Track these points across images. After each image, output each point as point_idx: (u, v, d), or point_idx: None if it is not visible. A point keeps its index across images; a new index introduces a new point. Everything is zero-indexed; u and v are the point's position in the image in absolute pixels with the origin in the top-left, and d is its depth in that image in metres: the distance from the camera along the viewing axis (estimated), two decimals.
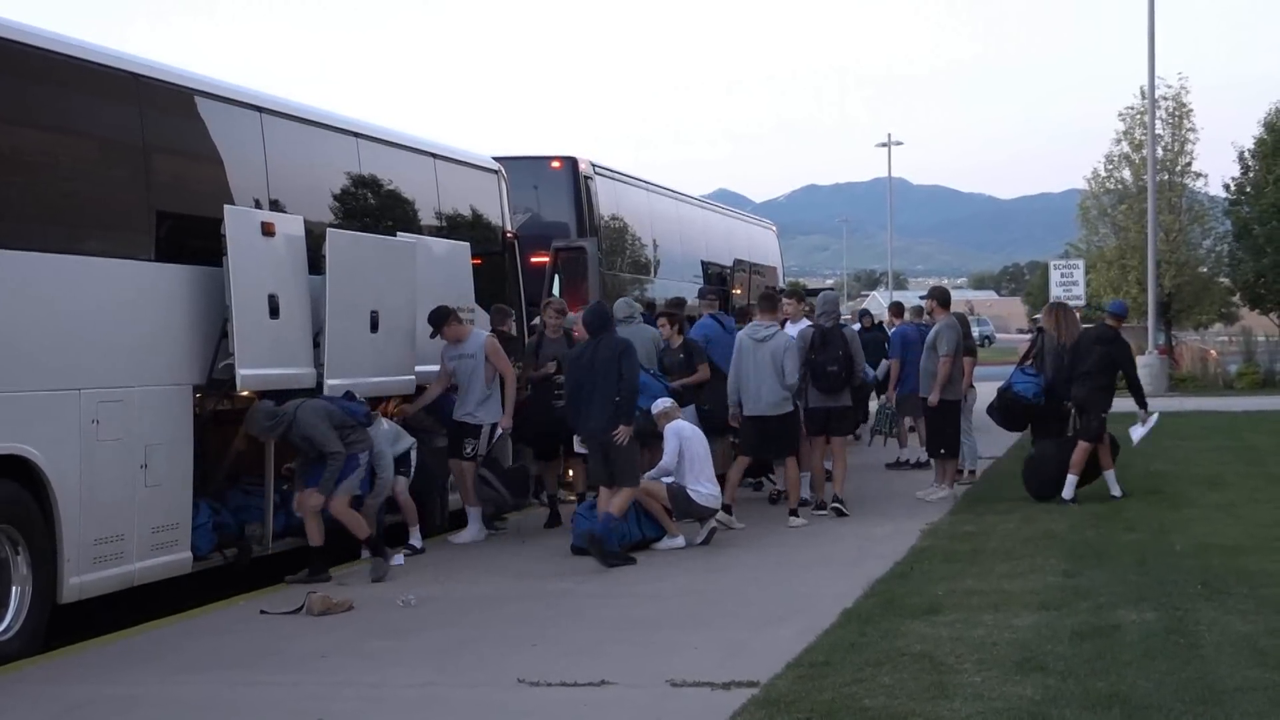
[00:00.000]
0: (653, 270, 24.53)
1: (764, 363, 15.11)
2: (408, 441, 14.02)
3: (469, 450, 14.77)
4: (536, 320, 16.70)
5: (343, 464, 12.48)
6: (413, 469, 14.07)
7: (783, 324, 16.17)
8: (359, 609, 11.12)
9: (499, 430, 14.82)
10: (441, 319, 14.67)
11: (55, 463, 10.24)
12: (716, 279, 26.73)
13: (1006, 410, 16.82)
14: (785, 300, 16.64)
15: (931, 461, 18.08)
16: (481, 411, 14.78)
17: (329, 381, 13.04)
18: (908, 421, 21.00)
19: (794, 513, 15.43)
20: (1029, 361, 16.91)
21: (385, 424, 13.81)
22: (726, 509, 14.97)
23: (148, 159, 11.63)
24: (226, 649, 9.90)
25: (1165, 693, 7.73)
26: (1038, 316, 19.48)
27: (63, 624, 10.61)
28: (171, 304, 11.69)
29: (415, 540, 14.07)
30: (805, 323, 16.21)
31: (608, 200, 22.29)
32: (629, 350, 13.20)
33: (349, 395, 12.89)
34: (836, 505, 15.71)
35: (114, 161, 11.41)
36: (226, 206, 12.05)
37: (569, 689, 8.35)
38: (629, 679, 8.51)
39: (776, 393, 15.11)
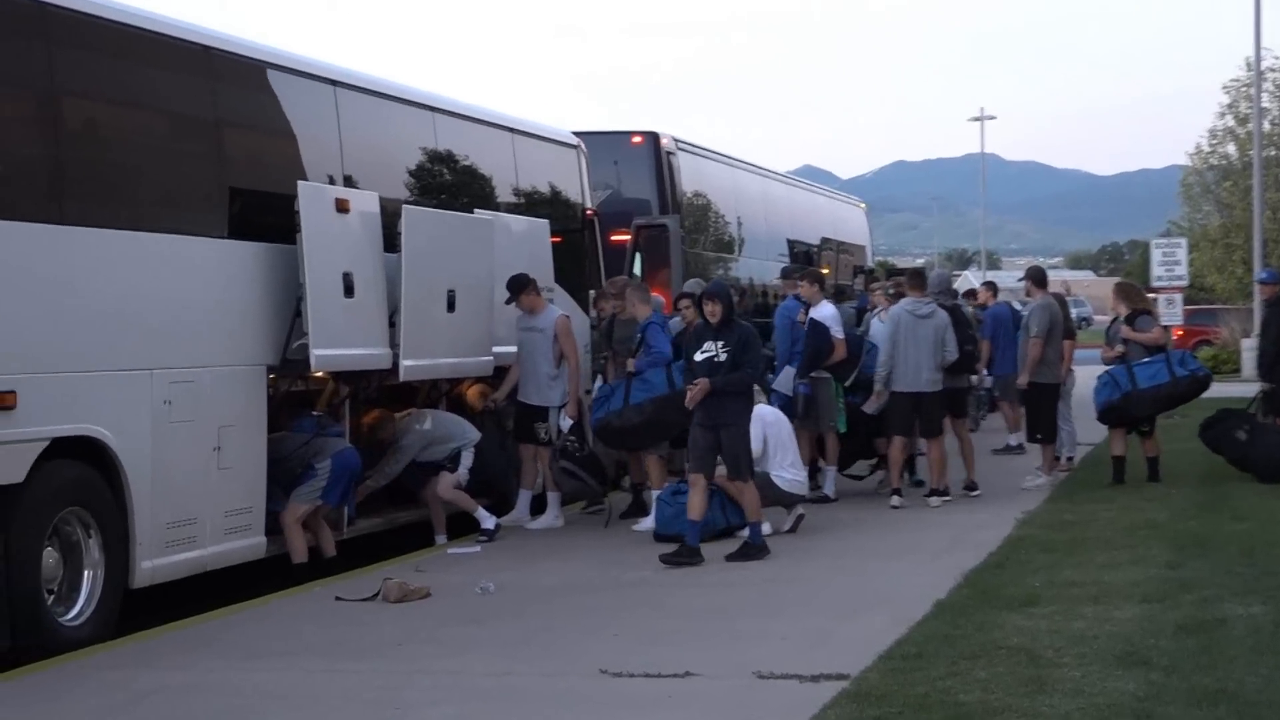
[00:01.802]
0: (737, 249, 24.44)
1: (925, 339, 15.48)
2: (461, 441, 14.01)
3: (542, 435, 14.75)
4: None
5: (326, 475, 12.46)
6: (463, 469, 14.05)
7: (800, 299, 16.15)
8: (436, 596, 11.14)
9: (565, 418, 14.76)
10: (521, 286, 14.66)
11: (127, 444, 10.32)
12: (803, 258, 26.60)
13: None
14: (800, 280, 16.53)
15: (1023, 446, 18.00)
16: (550, 392, 14.77)
17: (404, 362, 13.07)
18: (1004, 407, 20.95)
19: (934, 493, 15.70)
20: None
21: (430, 422, 13.79)
22: (896, 492, 15.59)
23: (220, 134, 11.69)
24: (300, 636, 9.95)
25: (1275, 689, 7.59)
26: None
27: (133, 609, 10.71)
28: (244, 283, 11.76)
29: (487, 522, 14.08)
30: (826, 305, 16.06)
31: (690, 176, 22.22)
32: (753, 339, 12.87)
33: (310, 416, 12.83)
34: (967, 489, 16.23)
35: (185, 137, 11.48)
36: (300, 183, 12.09)
37: (652, 680, 8.31)
38: (714, 670, 8.47)
39: (934, 369, 15.48)
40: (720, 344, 12.55)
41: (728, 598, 10.91)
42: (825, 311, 15.97)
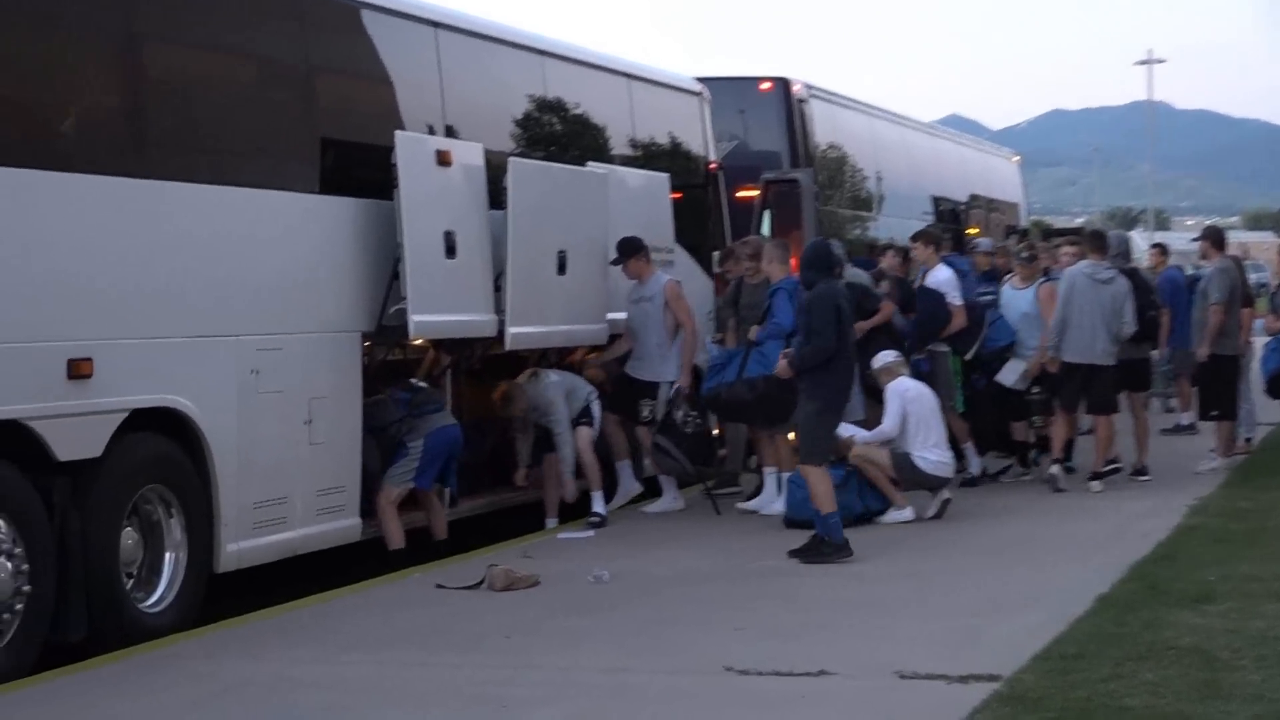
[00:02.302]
0: (876, 206, 24.31)
1: (1103, 306, 15.37)
2: (584, 392, 14.04)
3: (646, 413, 14.75)
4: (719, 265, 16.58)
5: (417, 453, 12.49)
6: (597, 421, 14.11)
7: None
8: (545, 585, 11.18)
9: (675, 389, 14.72)
10: (632, 250, 14.64)
11: (211, 417, 10.45)
12: (949, 216, 26.42)
13: None
14: (913, 241, 16.37)
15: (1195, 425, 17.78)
16: (661, 366, 14.77)
17: (511, 330, 13.12)
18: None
19: (1095, 476, 15.57)
20: None
21: (554, 375, 13.87)
22: (1059, 462, 15.47)
23: (311, 81, 11.78)
24: (398, 626, 10.02)
25: None
26: None
27: (218, 595, 10.85)
28: (337, 242, 11.84)
29: (599, 507, 14.13)
30: (943, 269, 15.86)
31: (825, 127, 22.12)
32: (816, 304, 12.76)
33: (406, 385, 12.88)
34: (1139, 472, 16.09)
35: (274, 84, 11.57)
36: (398, 133, 12.15)
37: (783, 679, 8.28)
38: (851, 669, 8.42)
39: (1109, 340, 15.37)
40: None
41: (866, 590, 10.86)
42: (941, 275, 15.84)
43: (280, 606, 10.74)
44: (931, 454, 13.97)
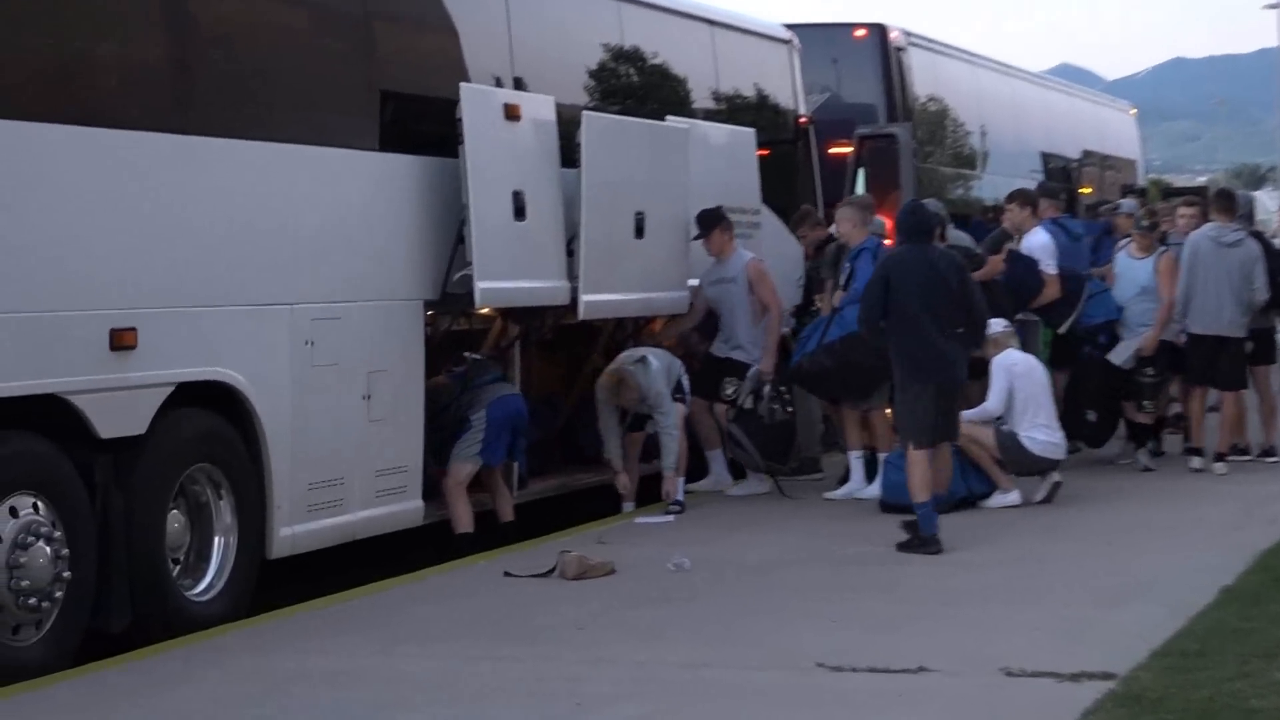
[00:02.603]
0: (979, 163, 24.19)
1: (1231, 272, 15.26)
2: (677, 368, 14.03)
3: (729, 392, 14.73)
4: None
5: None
6: (688, 398, 14.12)
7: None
8: (621, 573, 11.18)
9: (756, 374, 14.69)
10: (714, 221, 14.60)
11: (263, 391, 10.49)
12: (1059, 174, 26.24)
13: None
14: (1008, 202, 16.18)
15: None
16: (753, 351, 14.75)
17: (585, 298, 13.11)
18: None
19: (1220, 457, 15.50)
20: None
21: (654, 359, 13.80)
22: (1195, 452, 15.48)
23: (369, 29, 11.79)
24: (462, 617, 10.05)
25: None
26: None
27: (269, 582, 10.91)
28: (398, 202, 11.87)
29: (677, 493, 14.11)
30: (1039, 233, 15.69)
31: (924, 77, 22.03)
32: (966, 266, 12.65)
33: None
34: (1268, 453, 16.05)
35: (329, 32, 11.60)
36: (463, 85, 12.15)
37: (878, 676, 8.26)
38: (952, 665, 8.39)
39: (1238, 309, 15.27)
40: None
41: (968, 580, 10.82)
42: (1035, 240, 15.65)
43: (335, 595, 10.78)
44: (1040, 433, 13.86)
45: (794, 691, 8.11)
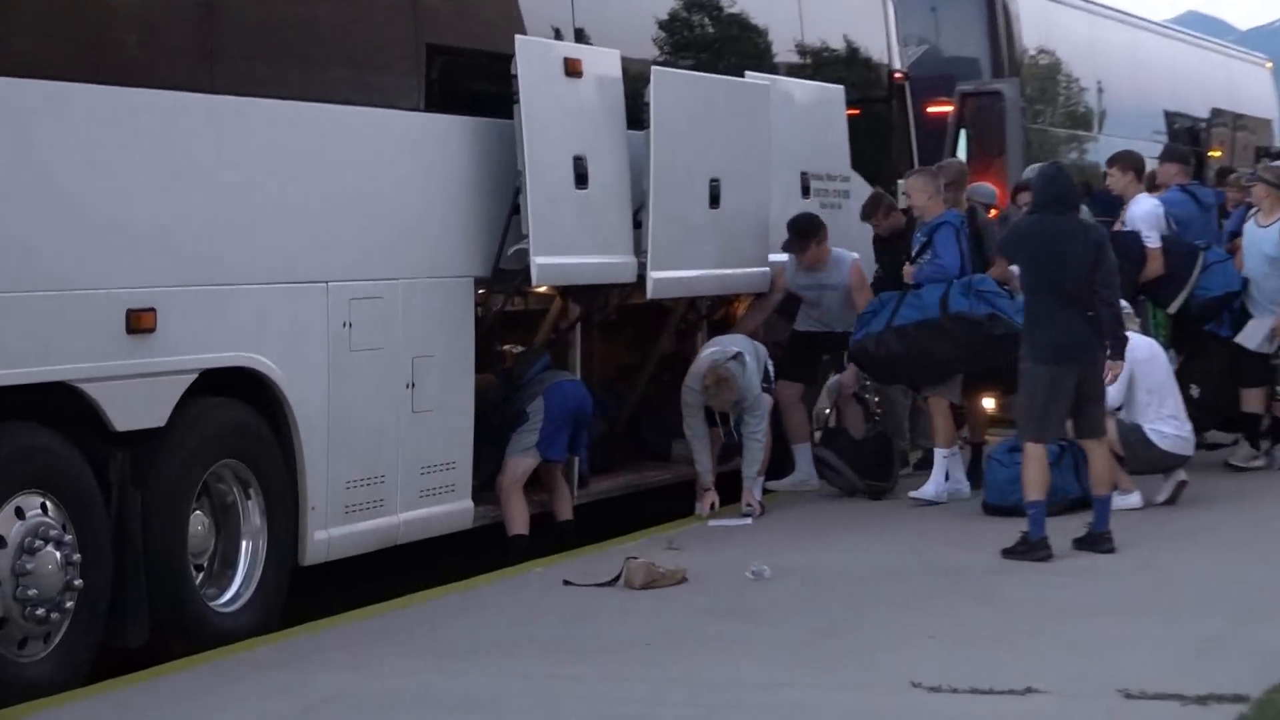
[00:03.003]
0: (1096, 124, 24.04)
1: None
2: (764, 355, 14.02)
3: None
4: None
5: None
6: (773, 381, 14.13)
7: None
8: (694, 582, 11.17)
9: (838, 383, 14.70)
10: (809, 231, 14.56)
11: (296, 379, 10.52)
12: (1186, 136, 26.05)
13: None
14: (1110, 167, 16.04)
15: None
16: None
17: (653, 275, 13.08)
18: None
19: None
20: None
21: (746, 354, 13.77)
22: None
23: None
24: (517, 631, 10.06)
25: None
26: None
27: (302, 591, 10.93)
28: (446, 169, 11.87)
29: (755, 491, 14.05)
30: (1144, 199, 15.56)
31: (1034, 28, 21.93)
32: (1107, 243, 12.54)
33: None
34: None
35: None
36: (518, 38, 12.15)
37: (981, 697, 8.24)
38: (1064, 685, 8.37)
39: None
40: None
41: (1080, 590, 10.80)
42: (1139, 209, 15.54)
43: (376, 606, 10.81)
44: (1168, 426, 13.74)
45: (887, 715, 8.10)
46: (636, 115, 13.10)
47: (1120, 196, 15.87)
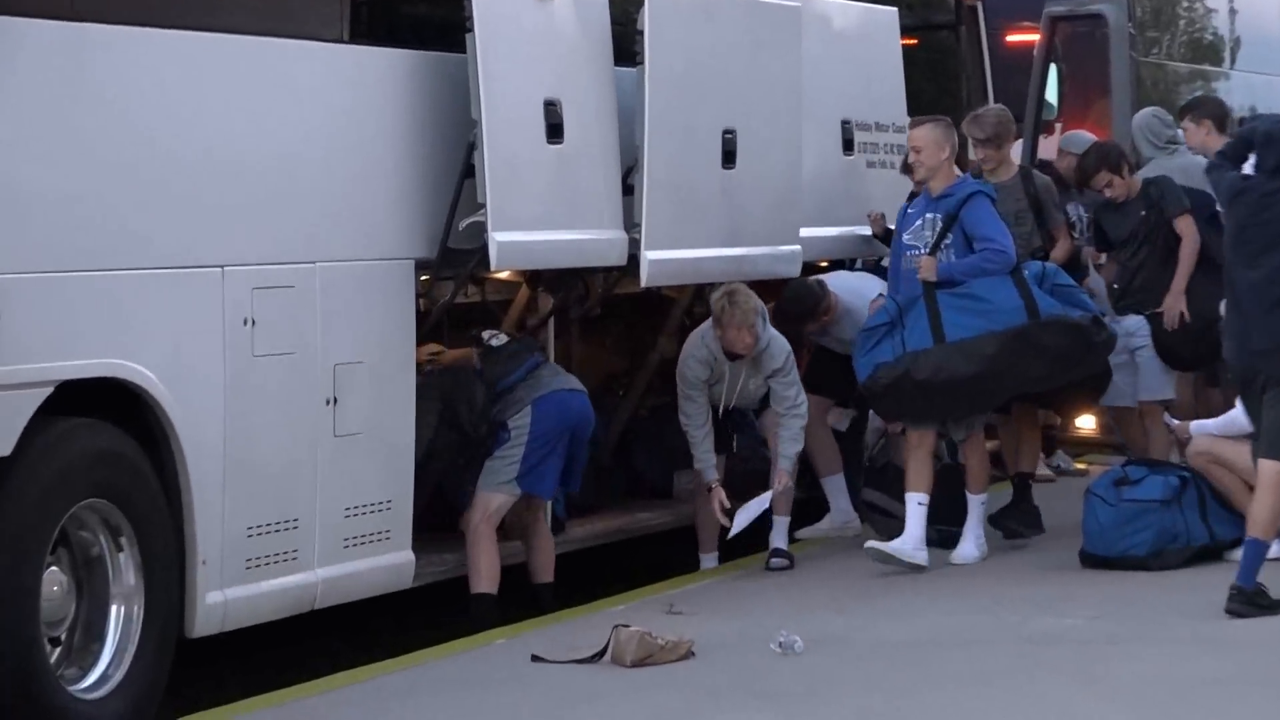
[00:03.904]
0: (1226, 57, 23.96)
1: None
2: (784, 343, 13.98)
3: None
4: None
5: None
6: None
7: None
8: (703, 656, 11.19)
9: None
10: (804, 314, 14.63)
11: (181, 393, 10.45)
12: None
13: None
14: (1184, 120, 16.05)
15: None
16: None
17: (649, 256, 13.02)
18: None
19: None
20: None
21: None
22: None
23: None
24: None
25: None
26: None
27: (189, 666, 10.88)
28: (378, 119, 11.87)
29: (781, 539, 14.15)
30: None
31: None
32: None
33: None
34: None
35: None
36: None
37: None
38: None
39: None
40: None
41: (1212, 664, 10.78)
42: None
43: (287, 691, 10.81)
44: None
45: None
46: (627, 47, 13.09)
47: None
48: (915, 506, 13.87)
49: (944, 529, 14.37)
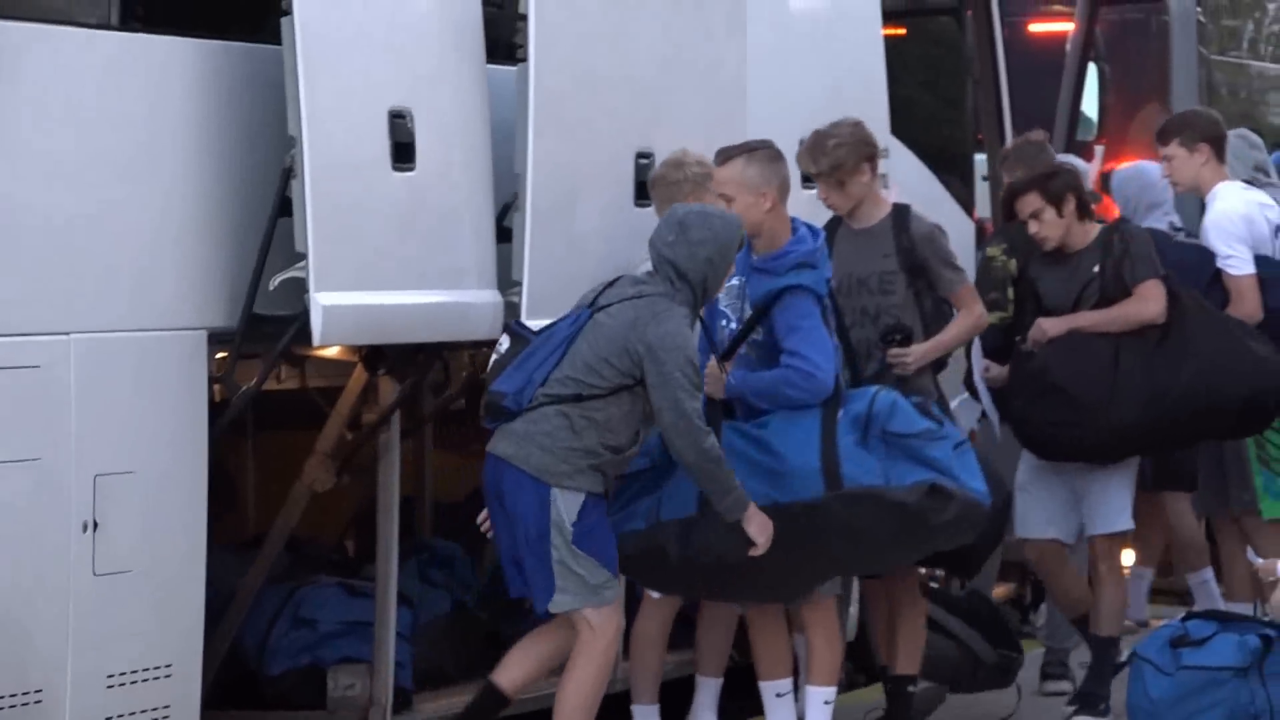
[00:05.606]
0: None
1: None
2: None
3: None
4: None
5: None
6: None
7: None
8: None
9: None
10: None
11: None
12: None
13: None
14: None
15: None
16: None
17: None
18: None
19: None
20: None
21: None
22: None
23: None
24: None
25: None
26: None
27: None
28: (158, 134, 11.89)
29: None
30: None
31: None
32: None
33: None
34: None
35: None
36: None
37: None
38: None
39: None
40: None
41: None
42: (1221, 213, 15.79)
43: None
44: None
45: None
46: (505, 38, 13.20)
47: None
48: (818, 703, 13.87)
49: (1006, 654, 14.98)
